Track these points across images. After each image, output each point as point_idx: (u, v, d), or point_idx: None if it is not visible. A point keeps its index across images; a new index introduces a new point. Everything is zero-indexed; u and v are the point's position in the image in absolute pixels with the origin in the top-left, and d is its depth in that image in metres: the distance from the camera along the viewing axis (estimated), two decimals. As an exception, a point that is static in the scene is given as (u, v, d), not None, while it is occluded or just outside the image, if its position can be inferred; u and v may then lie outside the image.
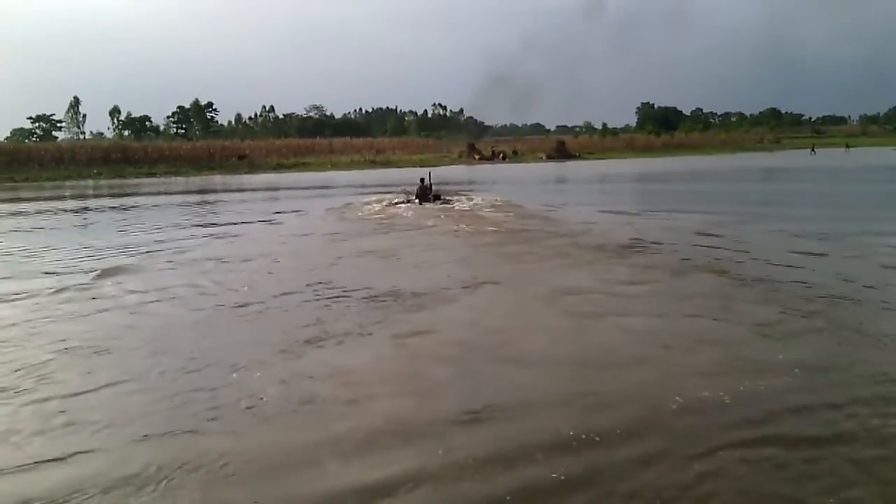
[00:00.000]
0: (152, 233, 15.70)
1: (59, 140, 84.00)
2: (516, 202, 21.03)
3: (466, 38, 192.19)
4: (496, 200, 21.40)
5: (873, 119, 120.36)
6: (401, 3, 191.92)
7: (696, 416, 4.60)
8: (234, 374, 5.67)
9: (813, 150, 65.90)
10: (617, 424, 4.48)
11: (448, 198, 21.92)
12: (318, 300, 8.30)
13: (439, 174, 24.21)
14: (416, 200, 21.08)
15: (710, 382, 5.16)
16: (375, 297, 8.33)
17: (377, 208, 20.28)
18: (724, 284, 8.69)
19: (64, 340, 6.71)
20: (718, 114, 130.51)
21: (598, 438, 4.29)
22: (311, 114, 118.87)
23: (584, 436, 4.32)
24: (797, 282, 8.58)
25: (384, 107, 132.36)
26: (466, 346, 6.34)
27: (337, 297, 8.40)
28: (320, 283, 9.19)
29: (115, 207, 24.19)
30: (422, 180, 21.78)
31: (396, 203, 21.10)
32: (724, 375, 5.32)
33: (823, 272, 9.21)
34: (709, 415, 4.63)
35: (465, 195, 23.22)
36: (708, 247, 11.43)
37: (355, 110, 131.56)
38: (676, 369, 5.55)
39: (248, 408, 4.98)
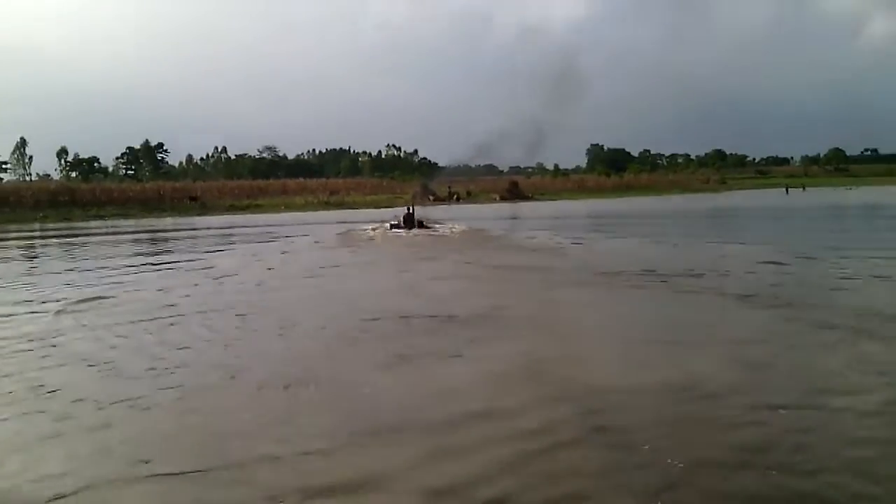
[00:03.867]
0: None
1: (3, 182, 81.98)
2: (486, 230, 25.22)
3: (419, 80, 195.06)
4: (467, 228, 25.13)
5: (814, 160, 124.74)
6: (353, 46, 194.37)
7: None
8: (367, 390, 6.08)
9: (787, 189, 67.65)
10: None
11: (429, 225, 25.75)
12: (392, 324, 8.91)
13: (396, 214, 26.76)
14: (404, 227, 24.88)
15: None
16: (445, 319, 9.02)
17: (372, 234, 24.26)
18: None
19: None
20: (666, 155, 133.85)
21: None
22: (265, 155, 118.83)
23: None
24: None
25: (338, 147, 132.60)
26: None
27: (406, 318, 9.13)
28: (383, 309, 9.83)
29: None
30: (408, 208, 26.20)
31: (390, 228, 25.03)
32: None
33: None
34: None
35: (441, 224, 26.69)
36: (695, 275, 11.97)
37: (309, 151, 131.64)
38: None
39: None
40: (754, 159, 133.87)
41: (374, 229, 25.57)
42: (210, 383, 6.44)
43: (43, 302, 11.41)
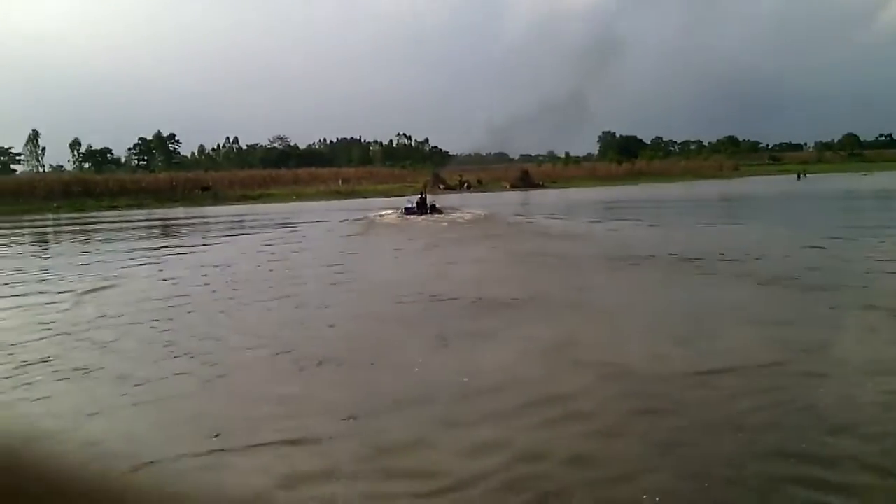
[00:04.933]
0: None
1: (17, 173, 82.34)
2: (499, 216, 25.10)
3: (429, 68, 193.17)
4: (480, 214, 25.31)
5: (828, 146, 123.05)
6: (360, 35, 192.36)
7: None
8: (420, 360, 6.37)
9: (799, 176, 65.26)
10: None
11: (443, 211, 26.03)
12: (429, 307, 8.96)
13: (410, 199, 27.13)
14: (417, 211, 25.49)
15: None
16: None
17: (388, 220, 24.86)
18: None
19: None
20: (678, 141, 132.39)
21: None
22: (276, 144, 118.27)
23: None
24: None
25: (349, 137, 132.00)
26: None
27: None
28: (417, 293, 9.76)
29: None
30: (420, 194, 26.93)
31: (404, 213, 25.56)
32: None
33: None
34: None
35: (455, 210, 26.81)
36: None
37: (320, 141, 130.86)
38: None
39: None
40: (767, 145, 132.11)
41: (382, 216, 26.03)
42: (261, 364, 6.49)
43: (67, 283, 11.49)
